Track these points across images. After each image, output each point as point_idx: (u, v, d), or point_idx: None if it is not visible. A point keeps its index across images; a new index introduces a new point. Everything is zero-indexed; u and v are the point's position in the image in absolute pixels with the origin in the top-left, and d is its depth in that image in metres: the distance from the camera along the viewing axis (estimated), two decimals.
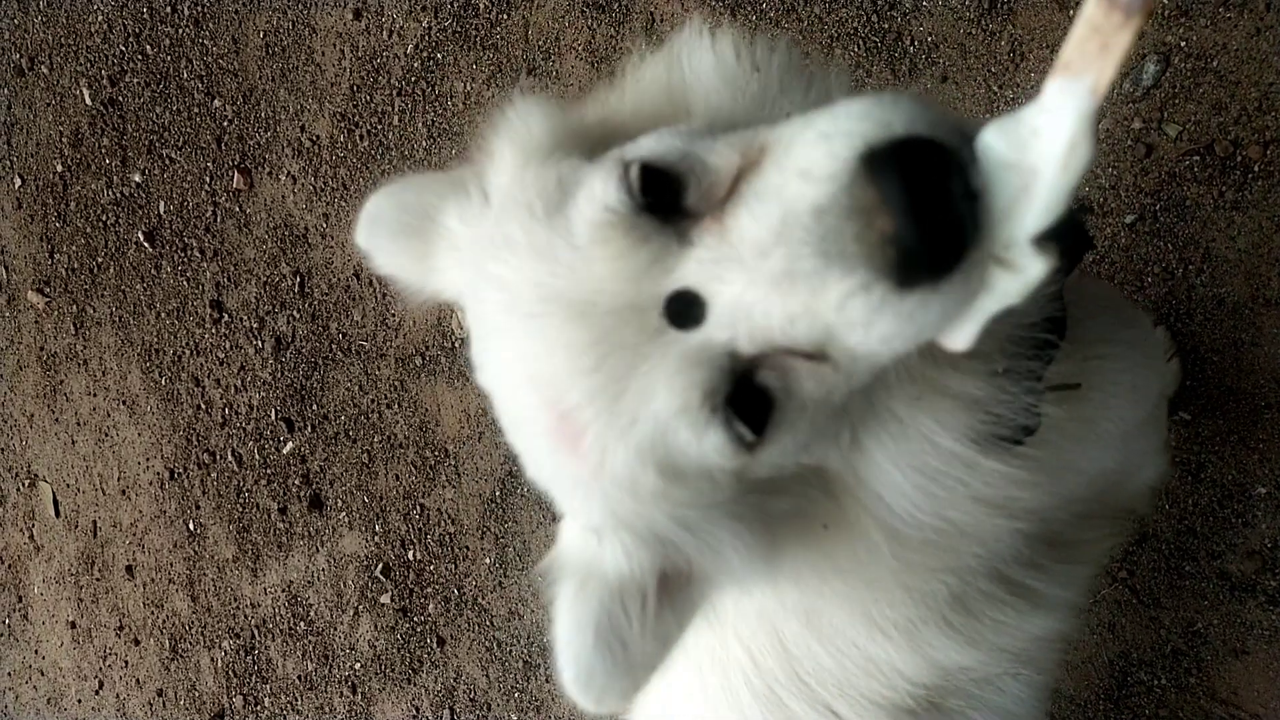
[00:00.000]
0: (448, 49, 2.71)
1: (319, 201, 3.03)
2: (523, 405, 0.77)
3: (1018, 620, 1.03)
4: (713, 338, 0.68)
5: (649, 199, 0.71)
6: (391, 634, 3.00)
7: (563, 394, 0.72)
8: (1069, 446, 0.93)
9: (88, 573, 3.86)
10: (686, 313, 0.69)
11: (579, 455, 0.74)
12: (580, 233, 0.72)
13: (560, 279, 0.72)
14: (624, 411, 0.71)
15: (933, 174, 0.59)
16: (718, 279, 0.67)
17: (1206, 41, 1.71)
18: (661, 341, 0.69)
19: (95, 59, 3.58)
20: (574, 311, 0.71)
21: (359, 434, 3.03)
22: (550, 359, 0.72)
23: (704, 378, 0.69)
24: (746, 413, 0.70)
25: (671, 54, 0.91)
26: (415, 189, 0.93)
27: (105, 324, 3.66)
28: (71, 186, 3.72)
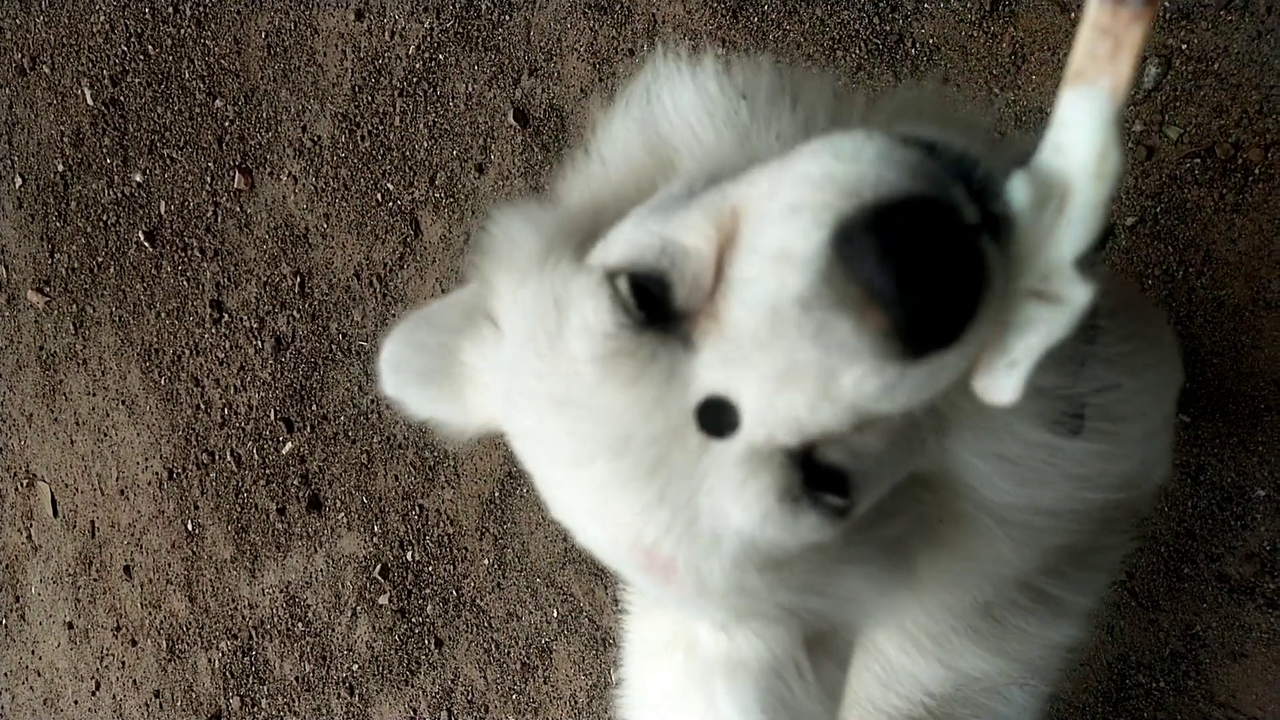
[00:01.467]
0: (449, 50, 2.72)
1: (320, 202, 3.04)
2: (603, 545, 0.76)
3: (1039, 629, 1.02)
4: (754, 439, 0.64)
5: (644, 313, 0.67)
6: (389, 635, 3.00)
7: (638, 534, 0.70)
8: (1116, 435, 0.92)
9: (85, 573, 3.85)
10: (719, 421, 0.65)
11: (677, 582, 0.71)
12: (587, 370, 0.68)
13: (586, 423, 0.68)
14: (704, 533, 0.68)
15: (919, 237, 0.53)
16: (734, 379, 0.63)
17: (1207, 44, 1.72)
18: (710, 456, 0.65)
19: (97, 59, 3.59)
20: (613, 451, 0.67)
21: (358, 434, 3.03)
22: (611, 503, 0.70)
23: (771, 482, 0.65)
24: (825, 484, 0.67)
25: (646, 95, 0.86)
26: (426, 327, 0.90)
27: (105, 323, 3.66)
28: (72, 186, 3.72)
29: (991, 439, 0.79)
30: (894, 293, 0.52)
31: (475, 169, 2.70)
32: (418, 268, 2.84)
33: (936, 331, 0.55)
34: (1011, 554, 0.87)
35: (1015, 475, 0.81)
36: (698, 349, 0.65)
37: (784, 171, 0.61)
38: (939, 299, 0.53)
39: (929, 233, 0.53)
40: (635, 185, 0.83)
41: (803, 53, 2.14)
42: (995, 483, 0.80)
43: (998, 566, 0.89)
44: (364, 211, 2.94)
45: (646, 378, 0.66)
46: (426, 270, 2.82)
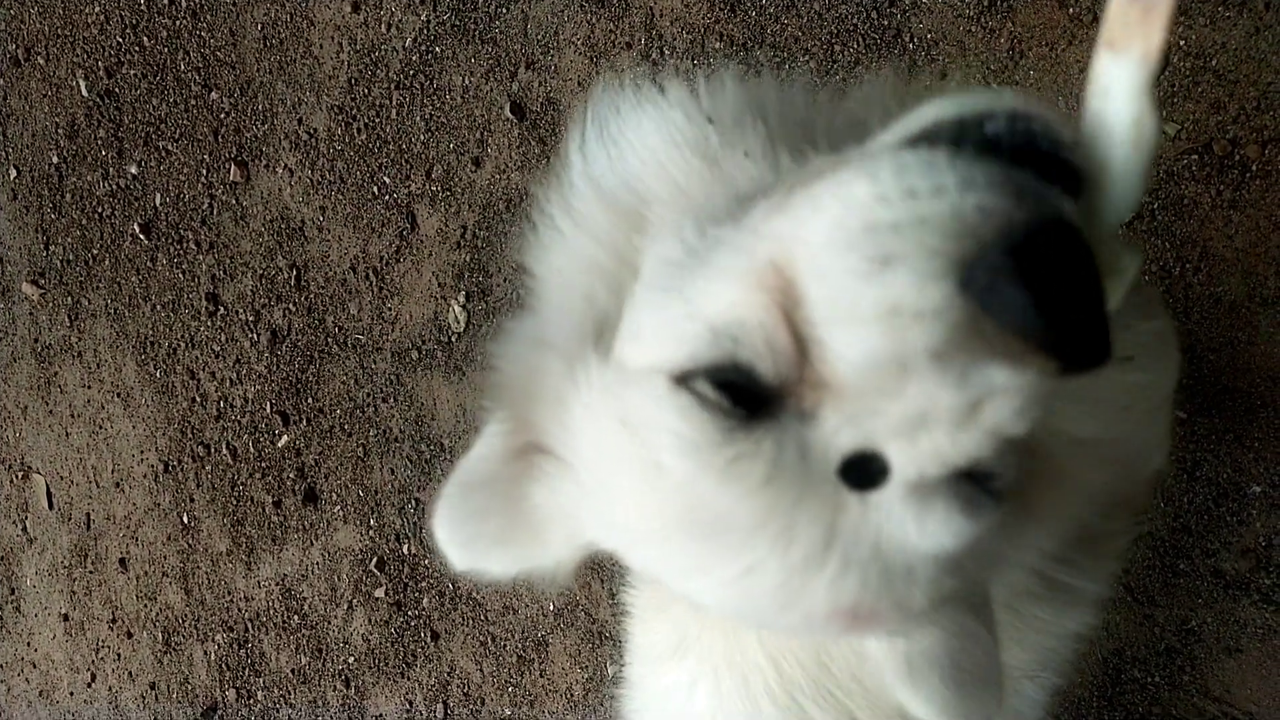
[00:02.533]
0: (446, 42, 2.71)
1: (316, 195, 3.03)
2: (793, 622, 0.70)
3: (1055, 617, 1.03)
4: (908, 476, 0.60)
5: (743, 409, 0.61)
6: (385, 628, 3.00)
7: (835, 604, 0.65)
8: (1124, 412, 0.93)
9: (81, 565, 3.85)
10: (869, 474, 0.61)
11: (882, 625, 0.70)
12: (711, 489, 0.61)
13: (738, 533, 0.62)
14: (898, 574, 0.64)
15: (1048, 264, 0.48)
16: (867, 434, 0.59)
17: (1205, 40, 1.72)
18: (874, 508, 0.61)
19: (92, 50, 3.57)
20: (781, 549, 0.62)
21: (354, 428, 3.02)
22: (797, 589, 0.64)
23: (947, 505, 0.61)
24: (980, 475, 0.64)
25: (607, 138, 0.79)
26: (477, 491, 0.83)
27: (100, 316, 3.65)
28: (67, 178, 3.70)
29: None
30: (1047, 331, 0.49)
31: (472, 162, 2.69)
32: (414, 261, 2.84)
33: (1093, 349, 0.51)
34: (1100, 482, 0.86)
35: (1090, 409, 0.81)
36: (817, 420, 0.60)
37: (831, 214, 0.55)
38: (1087, 320, 0.50)
39: (1055, 256, 0.49)
40: (612, 252, 0.77)
41: (800, 47, 2.14)
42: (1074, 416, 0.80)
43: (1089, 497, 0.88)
44: (360, 204, 2.94)
45: (780, 470, 0.60)
46: (423, 264, 2.82)
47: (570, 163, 0.81)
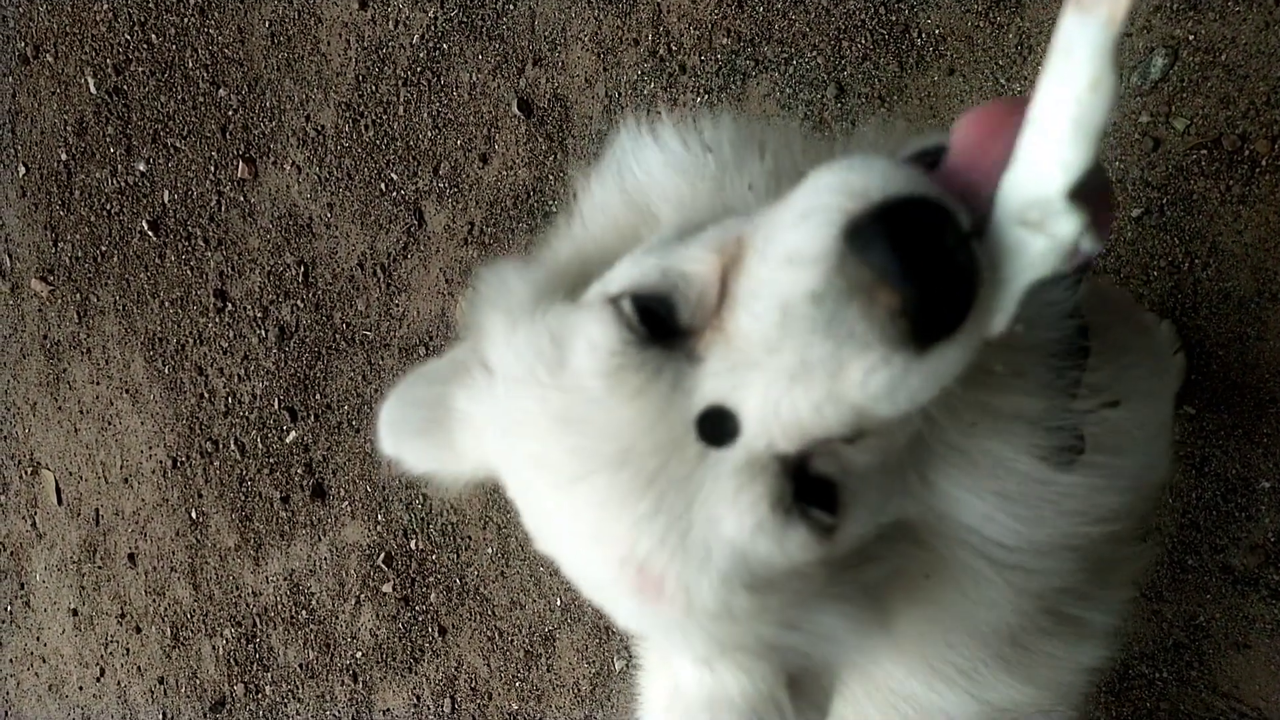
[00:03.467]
0: (453, 39, 2.71)
1: (324, 191, 3.03)
2: (596, 567, 0.76)
3: (1067, 652, 1.02)
4: (753, 447, 0.67)
5: (647, 329, 0.69)
6: (393, 623, 3.01)
7: (632, 547, 0.71)
8: (1114, 455, 0.92)
9: (90, 560, 3.86)
10: (720, 430, 0.67)
11: (666, 601, 0.72)
12: (593, 385, 0.70)
13: (590, 438, 0.70)
14: (696, 546, 0.69)
15: (922, 230, 0.57)
16: (738, 387, 0.65)
17: (1215, 35, 1.71)
18: (707, 466, 0.68)
19: (100, 47, 3.58)
20: (614, 463, 0.69)
21: (362, 423, 3.03)
22: (609, 516, 0.71)
23: (766, 489, 0.67)
24: (814, 499, 0.69)
25: (618, 163, 0.90)
26: (422, 383, 0.92)
27: (109, 312, 3.66)
28: (76, 175, 3.72)
29: (986, 475, 0.80)
30: (902, 271, 0.56)
31: (479, 159, 2.70)
32: (421, 258, 2.84)
33: (944, 314, 0.58)
34: (1008, 599, 0.87)
35: (1014, 511, 0.81)
36: (702, 360, 0.67)
37: (794, 195, 0.64)
38: (943, 280, 0.57)
39: (931, 226, 0.57)
40: (619, 238, 0.86)
41: (808, 43, 2.14)
42: (996, 520, 0.81)
43: (991, 612, 0.89)
44: (368, 201, 2.94)
45: (651, 391, 0.68)
46: (430, 260, 2.82)
47: (596, 177, 0.92)
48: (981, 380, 0.76)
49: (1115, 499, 0.89)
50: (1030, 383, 0.80)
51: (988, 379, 0.76)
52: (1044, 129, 0.56)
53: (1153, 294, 1.80)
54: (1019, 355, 0.79)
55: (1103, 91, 0.54)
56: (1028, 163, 0.57)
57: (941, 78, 1.99)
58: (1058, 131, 0.55)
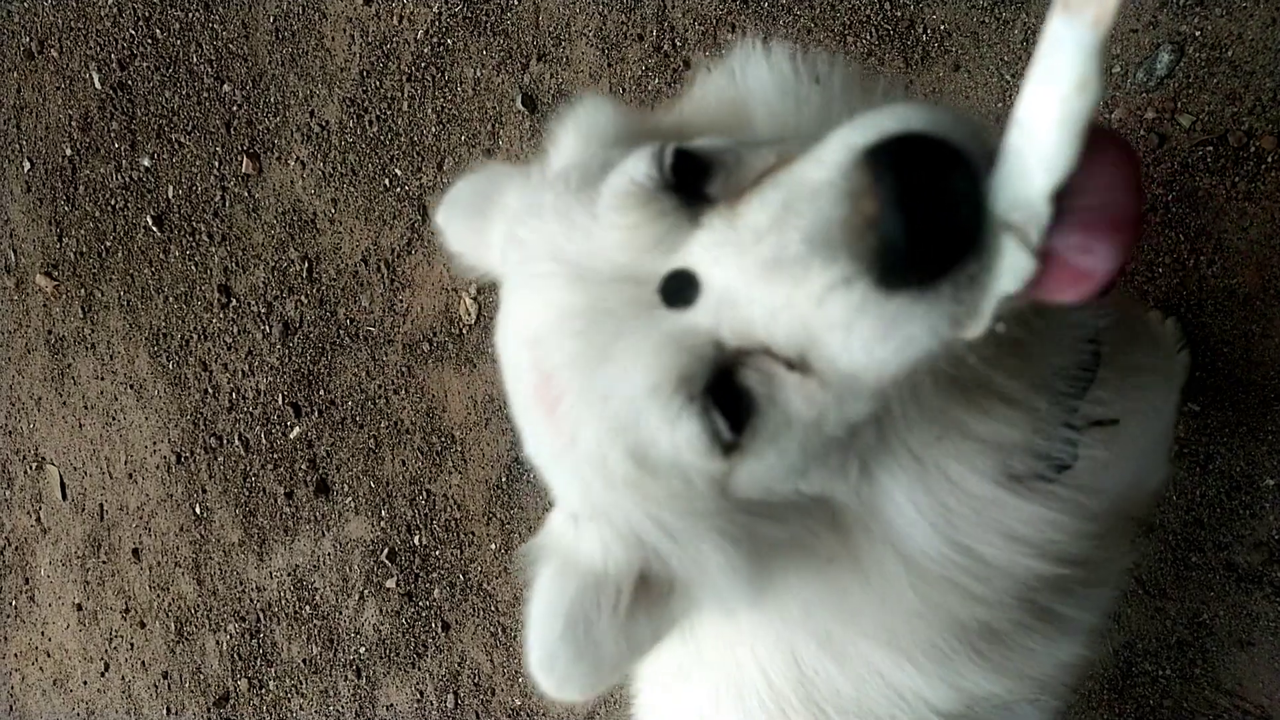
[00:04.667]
0: (458, 34, 2.71)
1: (328, 187, 3.04)
2: (517, 365, 0.78)
3: (1046, 646, 1.02)
4: (699, 323, 0.68)
5: (675, 179, 0.71)
6: (396, 618, 3.02)
7: (549, 354, 0.73)
8: (1097, 474, 0.91)
9: (94, 555, 3.87)
10: (680, 292, 0.69)
11: (556, 422, 0.74)
12: (603, 200, 0.72)
13: (573, 242, 0.73)
14: (600, 383, 0.71)
15: (935, 171, 0.57)
16: (714, 262, 0.67)
17: (1221, 31, 1.71)
18: (650, 317, 0.69)
19: (105, 42, 3.58)
20: (577, 274, 0.72)
21: (366, 419, 3.04)
22: (544, 318, 0.73)
23: (682, 362, 0.68)
24: (726, 409, 0.69)
25: (734, 67, 0.93)
26: (492, 175, 0.96)
27: (113, 308, 3.67)
28: (80, 170, 3.72)
29: (934, 487, 0.79)
30: (894, 186, 0.56)
31: (484, 154, 2.70)
32: (426, 253, 2.84)
33: (915, 253, 0.57)
34: (917, 608, 0.86)
35: (952, 529, 0.81)
36: (701, 227, 0.69)
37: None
38: (931, 220, 0.56)
39: (948, 171, 0.57)
40: (712, 128, 0.87)
41: (813, 38, 2.14)
42: (924, 529, 0.80)
43: (891, 615, 0.88)
44: (372, 197, 2.94)
45: (645, 227, 0.70)
46: (434, 256, 2.82)
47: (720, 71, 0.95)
48: (962, 397, 0.76)
49: (1072, 536, 0.88)
50: (1017, 411, 0.79)
51: (970, 396, 0.76)
52: (1029, 130, 0.56)
53: (1157, 291, 1.80)
54: (1015, 381, 0.78)
55: (1089, 93, 0.54)
56: (1012, 164, 0.57)
57: (947, 74, 1.98)
58: (1043, 133, 0.55)
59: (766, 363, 0.68)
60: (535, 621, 0.80)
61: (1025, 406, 0.80)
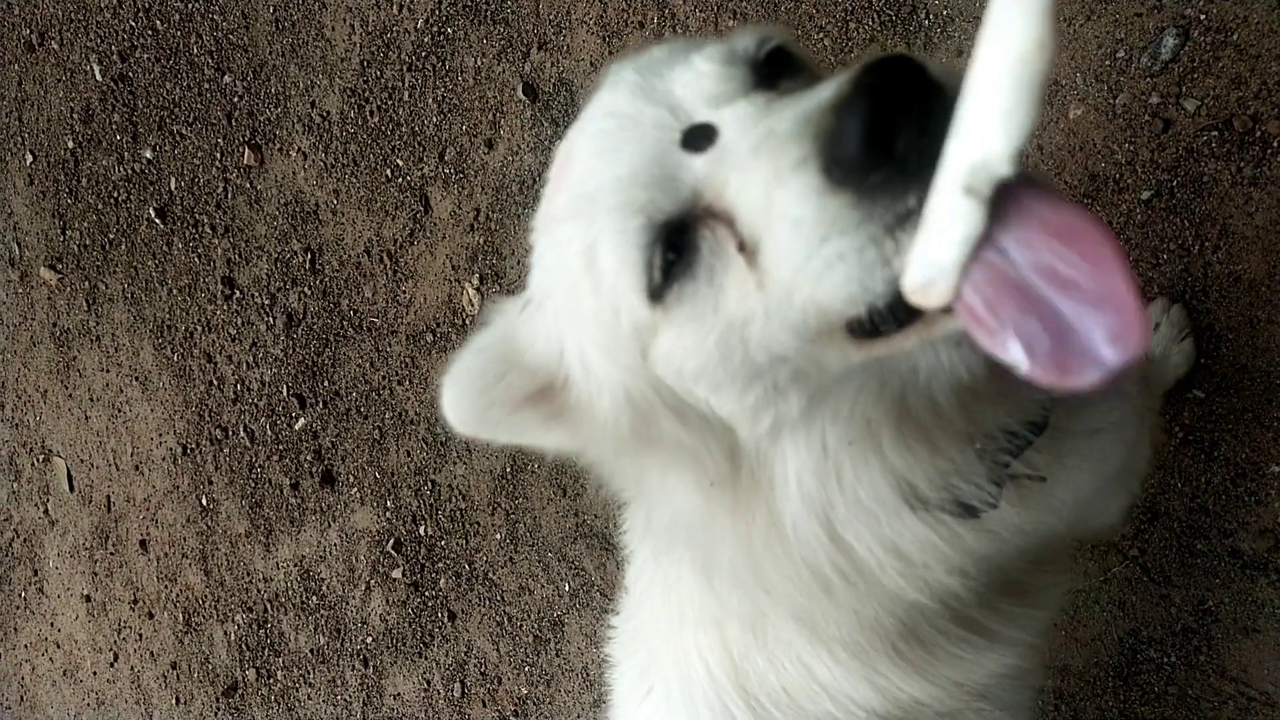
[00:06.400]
0: (458, 23, 2.70)
1: (330, 178, 3.03)
2: (556, 184, 0.83)
3: (975, 655, 1.01)
4: (693, 166, 0.72)
5: (764, 64, 0.77)
6: (403, 608, 3.03)
7: (579, 140, 0.80)
8: (1016, 521, 0.91)
9: (102, 547, 3.89)
10: (697, 139, 0.73)
11: (552, 198, 0.81)
12: (700, 52, 0.78)
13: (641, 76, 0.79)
14: (594, 170, 0.77)
15: (914, 92, 0.59)
16: (735, 124, 0.71)
17: (1227, 14, 1.69)
18: (662, 142, 0.74)
19: (105, 34, 3.58)
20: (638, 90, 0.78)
21: (370, 410, 3.04)
22: (594, 118, 0.80)
23: (657, 179, 0.72)
24: (670, 260, 0.72)
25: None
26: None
27: (117, 300, 3.67)
28: (83, 163, 3.72)
29: (824, 475, 0.80)
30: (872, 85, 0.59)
31: (485, 144, 2.69)
32: (428, 244, 2.84)
33: (865, 142, 0.59)
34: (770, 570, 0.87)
35: (826, 513, 0.82)
36: (748, 99, 0.73)
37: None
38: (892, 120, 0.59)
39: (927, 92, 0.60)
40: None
41: (815, 25, 2.12)
42: (797, 506, 0.81)
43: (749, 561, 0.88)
44: (374, 187, 2.94)
45: (713, 80, 0.75)
46: (437, 246, 2.82)
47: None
48: (894, 420, 0.76)
49: (950, 572, 0.88)
50: (937, 459, 0.80)
51: (902, 424, 0.76)
52: (986, 94, 0.55)
53: (1162, 277, 1.79)
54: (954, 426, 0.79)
55: (1045, 52, 0.53)
56: (970, 129, 0.55)
57: (950, 59, 1.97)
58: (1001, 95, 0.54)
59: (725, 234, 0.70)
60: (458, 366, 0.89)
61: (947, 457, 0.80)
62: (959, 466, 0.81)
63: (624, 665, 1.25)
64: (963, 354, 0.74)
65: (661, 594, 1.11)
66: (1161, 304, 1.76)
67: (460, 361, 0.89)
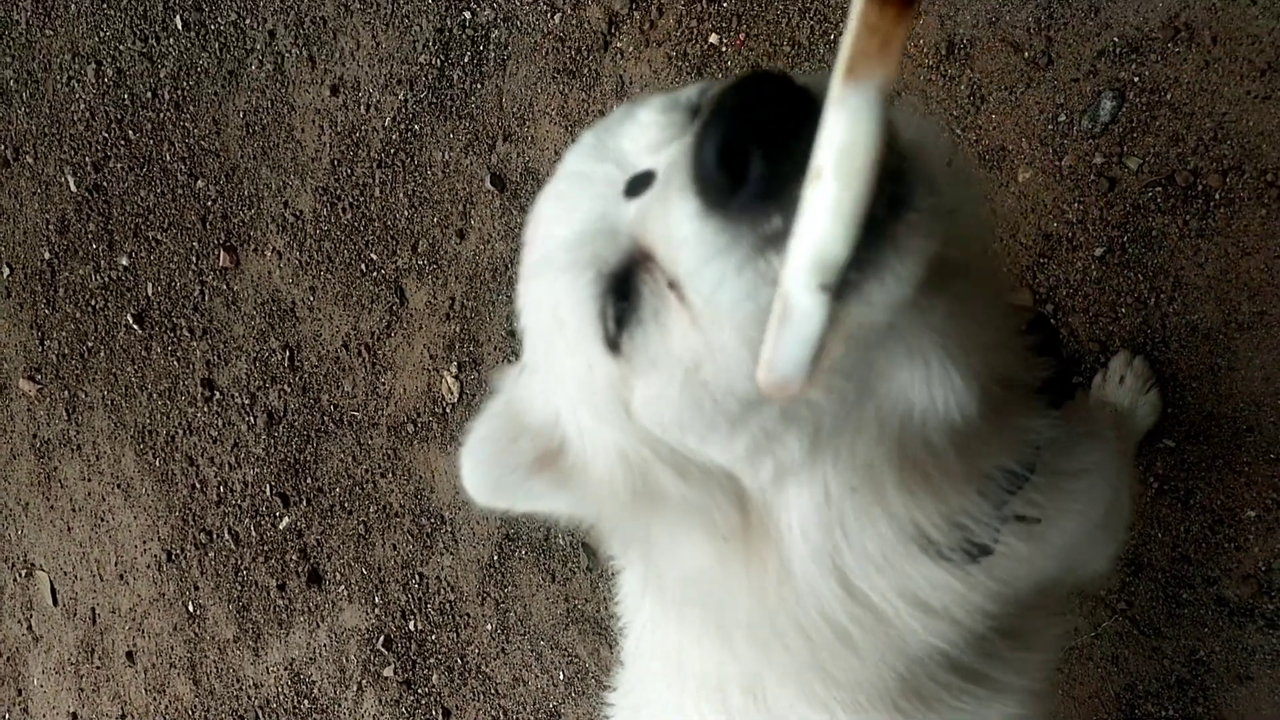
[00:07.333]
0: (424, 120, 2.76)
1: (305, 275, 3.06)
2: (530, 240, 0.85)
3: (977, 707, 1.00)
4: (628, 213, 0.73)
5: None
6: (396, 708, 2.97)
7: (540, 203, 0.83)
8: (1014, 566, 0.91)
9: (88, 661, 3.81)
10: (637, 187, 0.74)
11: (532, 245, 0.83)
12: (646, 104, 0.80)
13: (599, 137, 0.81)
14: (555, 234, 0.78)
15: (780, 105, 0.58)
16: (665, 167, 0.71)
17: (1159, 76, 1.76)
18: (607, 195, 0.76)
19: (79, 146, 3.63)
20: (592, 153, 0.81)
21: (354, 505, 3.02)
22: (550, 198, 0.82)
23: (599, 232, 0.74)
24: (618, 306, 0.73)
25: None
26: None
27: (97, 408, 3.66)
28: (59, 273, 3.75)
29: (828, 524, 0.78)
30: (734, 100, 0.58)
31: (456, 235, 2.73)
32: (405, 335, 2.86)
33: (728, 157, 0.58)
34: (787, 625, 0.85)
35: (835, 564, 0.80)
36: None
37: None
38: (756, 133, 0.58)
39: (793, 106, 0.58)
40: None
41: None
42: (803, 557, 0.80)
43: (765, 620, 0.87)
44: (349, 282, 2.97)
45: (656, 129, 0.77)
46: (414, 337, 2.84)
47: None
48: (896, 465, 0.75)
49: (971, 613, 0.88)
50: (941, 505, 0.79)
51: (904, 470, 0.76)
52: (821, 191, 0.54)
53: (1122, 330, 1.82)
54: (956, 470, 0.79)
55: (876, 155, 0.53)
56: (810, 227, 0.55)
57: None
58: (835, 190, 0.53)
59: (659, 275, 0.70)
60: (474, 434, 0.90)
61: (950, 500, 0.80)
62: (965, 508, 0.81)
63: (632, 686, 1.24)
64: (956, 394, 0.73)
65: (662, 663, 1.09)
66: (1124, 356, 1.79)
67: (474, 431, 0.90)
